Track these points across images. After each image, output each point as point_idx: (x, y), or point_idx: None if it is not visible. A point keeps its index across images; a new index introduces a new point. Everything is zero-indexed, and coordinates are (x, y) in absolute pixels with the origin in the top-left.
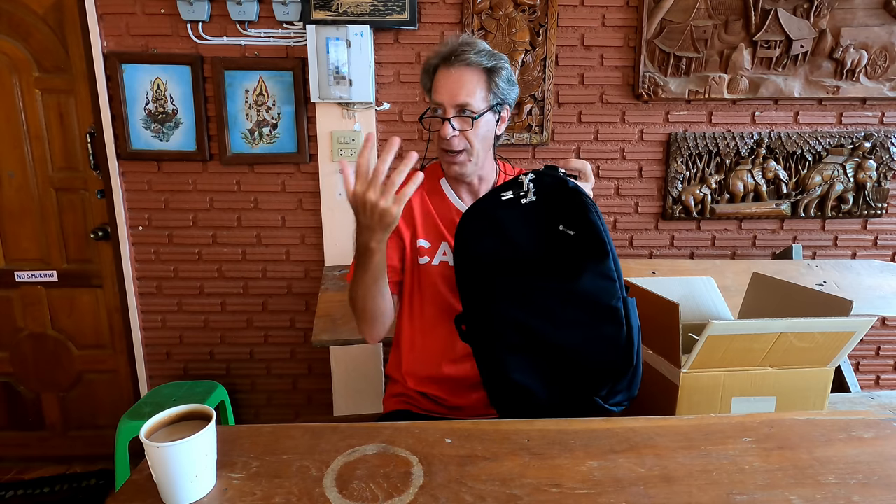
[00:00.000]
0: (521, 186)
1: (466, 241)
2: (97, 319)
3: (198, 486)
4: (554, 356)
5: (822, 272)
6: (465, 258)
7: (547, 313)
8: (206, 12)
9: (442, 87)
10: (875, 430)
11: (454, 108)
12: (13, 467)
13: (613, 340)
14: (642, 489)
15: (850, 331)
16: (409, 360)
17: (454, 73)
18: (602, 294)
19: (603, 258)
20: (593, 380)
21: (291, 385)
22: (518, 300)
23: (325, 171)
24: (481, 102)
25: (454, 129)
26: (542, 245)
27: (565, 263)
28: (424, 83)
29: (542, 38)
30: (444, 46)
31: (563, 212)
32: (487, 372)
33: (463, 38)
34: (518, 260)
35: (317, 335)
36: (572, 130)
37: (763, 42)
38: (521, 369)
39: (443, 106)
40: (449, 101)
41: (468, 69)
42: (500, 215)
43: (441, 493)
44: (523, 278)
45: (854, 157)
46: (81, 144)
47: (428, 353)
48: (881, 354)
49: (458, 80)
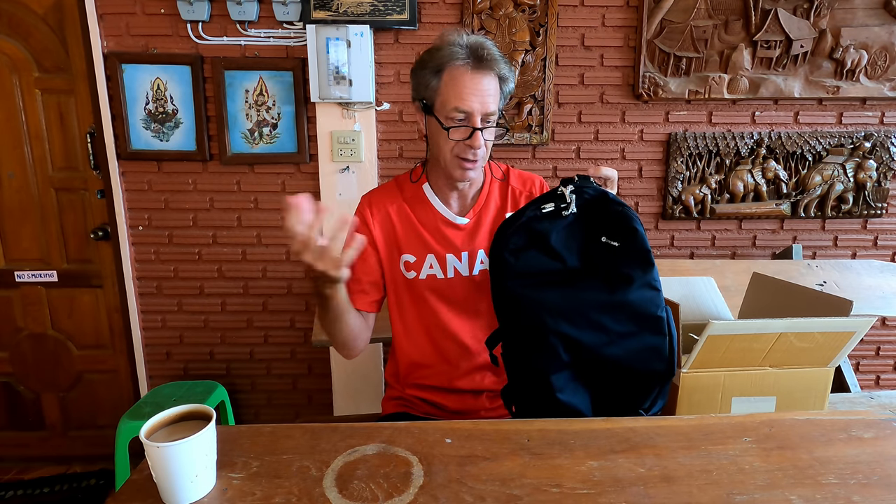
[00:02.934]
0: (562, 198)
1: (507, 259)
2: (97, 319)
3: (198, 486)
4: (602, 370)
5: (822, 272)
6: (507, 275)
7: (598, 326)
8: (206, 12)
9: (471, 94)
10: (875, 430)
11: (482, 116)
12: (13, 467)
13: (658, 350)
14: (642, 489)
15: (850, 331)
16: (407, 374)
17: (483, 80)
18: (649, 304)
19: (649, 268)
20: (639, 391)
21: (291, 385)
22: (568, 315)
23: (325, 172)
24: (498, 110)
25: (483, 139)
26: (587, 257)
27: (612, 275)
28: (429, 82)
29: (542, 38)
30: (458, 45)
31: (606, 223)
32: (531, 393)
33: (480, 39)
34: (565, 273)
35: (317, 335)
36: (572, 130)
37: (763, 42)
38: (568, 388)
39: (470, 115)
40: (480, 109)
41: (491, 75)
42: (541, 228)
43: (441, 493)
44: (572, 292)
45: (854, 157)
46: (81, 144)
47: (426, 369)
48: (881, 354)
49: (488, 87)
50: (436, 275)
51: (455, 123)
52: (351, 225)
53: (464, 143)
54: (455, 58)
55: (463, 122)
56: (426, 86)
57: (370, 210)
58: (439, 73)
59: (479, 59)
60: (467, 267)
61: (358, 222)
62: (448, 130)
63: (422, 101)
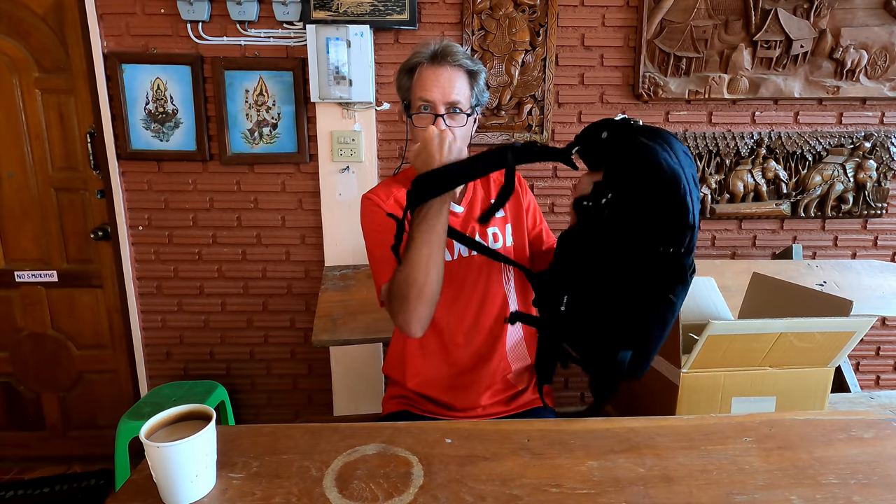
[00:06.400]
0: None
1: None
2: (97, 319)
3: (198, 486)
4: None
5: (822, 272)
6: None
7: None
8: (206, 12)
9: (432, 85)
10: (875, 430)
11: (445, 105)
12: (13, 467)
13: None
14: (642, 489)
15: (850, 331)
16: (408, 368)
17: (444, 72)
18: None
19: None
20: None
21: (291, 385)
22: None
23: (325, 171)
24: (466, 103)
25: (446, 125)
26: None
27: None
28: (403, 83)
29: (542, 38)
30: (426, 48)
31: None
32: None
33: (445, 41)
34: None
35: (317, 335)
36: (572, 130)
37: (763, 42)
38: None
39: (432, 103)
40: (441, 98)
41: (456, 69)
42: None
43: (441, 493)
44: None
45: (854, 157)
46: (81, 144)
47: (428, 361)
48: (881, 354)
49: (449, 78)
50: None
51: (420, 112)
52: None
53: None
54: (419, 57)
55: (427, 112)
56: (402, 88)
57: (378, 199)
58: (411, 73)
59: (440, 55)
60: (467, 248)
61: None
62: (412, 118)
63: (403, 104)
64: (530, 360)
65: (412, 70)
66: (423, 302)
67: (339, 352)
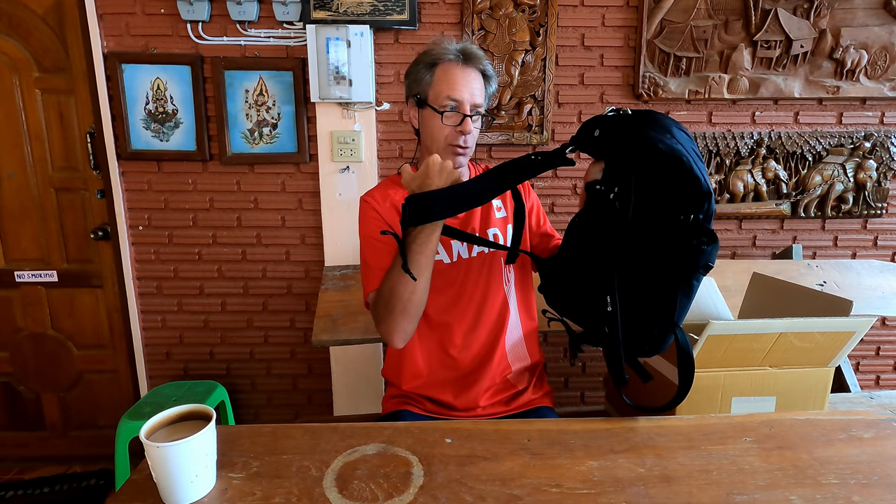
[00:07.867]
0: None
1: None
2: (97, 319)
3: (198, 486)
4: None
5: (822, 272)
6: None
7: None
8: (206, 12)
9: (462, 85)
10: (875, 430)
11: (471, 106)
12: (13, 467)
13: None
14: (642, 489)
15: (850, 331)
16: (408, 368)
17: (472, 74)
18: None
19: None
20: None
21: (291, 385)
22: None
23: (325, 171)
24: (483, 108)
25: (472, 125)
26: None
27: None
28: (422, 76)
29: (542, 38)
30: (447, 44)
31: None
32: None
33: (467, 43)
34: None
35: (317, 335)
36: (572, 130)
37: (763, 42)
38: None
39: (461, 103)
40: (469, 98)
41: (478, 73)
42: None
43: (441, 493)
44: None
45: (854, 157)
46: (81, 144)
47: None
48: (881, 354)
49: (476, 80)
50: (442, 259)
51: (447, 111)
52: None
53: (455, 131)
54: (447, 54)
55: (454, 110)
56: (420, 81)
57: (375, 202)
58: (433, 67)
59: (467, 56)
60: (466, 249)
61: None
62: (442, 115)
63: (416, 97)
64: (530, 360)
65: (433, 65)
66: (407, 317)
67: (339, 352)
